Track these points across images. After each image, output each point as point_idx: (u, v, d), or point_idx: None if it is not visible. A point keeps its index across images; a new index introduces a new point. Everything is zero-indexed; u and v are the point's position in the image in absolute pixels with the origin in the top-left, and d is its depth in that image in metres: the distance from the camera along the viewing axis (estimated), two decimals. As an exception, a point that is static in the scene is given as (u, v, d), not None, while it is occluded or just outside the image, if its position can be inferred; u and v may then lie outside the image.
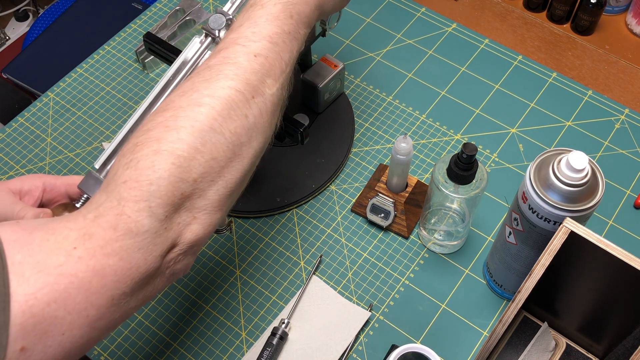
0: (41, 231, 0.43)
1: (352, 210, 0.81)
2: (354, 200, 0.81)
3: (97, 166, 0.57)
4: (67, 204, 0.61)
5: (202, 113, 0.48)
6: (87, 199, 0.58)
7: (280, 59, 0.53)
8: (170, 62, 0.77)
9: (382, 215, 0.77)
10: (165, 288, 0.50)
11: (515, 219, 0.63)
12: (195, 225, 0.48)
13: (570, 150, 0.57)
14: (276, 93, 0.53)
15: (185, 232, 0.48)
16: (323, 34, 0.78)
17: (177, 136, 0.47)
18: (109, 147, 0.57)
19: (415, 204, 0.79)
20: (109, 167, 0.57)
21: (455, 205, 0.76)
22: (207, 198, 0.48)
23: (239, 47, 0.51)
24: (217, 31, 0.60)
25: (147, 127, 0.48)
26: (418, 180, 0.79)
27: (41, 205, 0.60)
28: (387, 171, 0.79)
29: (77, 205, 0.59)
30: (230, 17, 0.60)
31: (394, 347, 0.70)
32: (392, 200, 0.76)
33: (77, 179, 0.60)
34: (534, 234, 0.61)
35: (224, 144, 0.48)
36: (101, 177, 0.57)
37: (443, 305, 0.74)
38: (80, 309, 0.42)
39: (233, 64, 0.51)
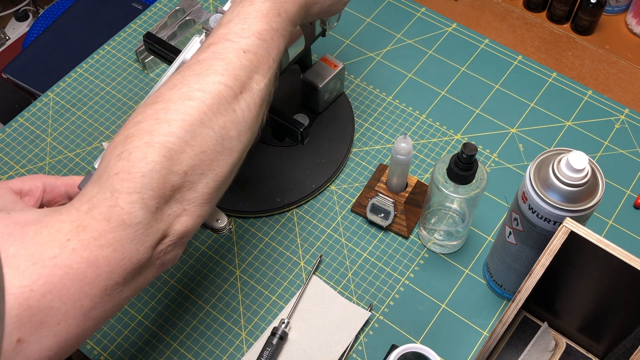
0: (34, 225, 0.44)
1: (352, 210, 0.81)
2: (354, 200, 0.81)
3: (96, 166, 0.57)
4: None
5: (192, 107, 0.49)
6: None
7: (268, 56, 0.54)
8: (170, 62, 0.77)
9: (382, 215, 0.77)
10: (154, 278, 0.51)
11: (515, 219, 0.63)
12: (184, 217, 0.49)
13: (570, 150, 0.57)
14: (264, 88, 0.54)
15: (175, 224, 0.49)
16: (323, 34, 0.78)
17: (169, 129, 0.47)
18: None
19: (415, 204, 0.79)
20: None
21: (455, 205, 0.76)
22: (197, 191, 0.49)
23: (228, 43, 0.52)
24: (217, 31, 0.60)
25: (137, 119, 0.49)
26: (418, 180, 0.79)
27: (41, 205, 0.60)
28: (387, 171, 0.79)
29: None
30: (230, 17, 0.60)
31: (394, 347, 0.70)
32: (392, 200, 0.76)
33: (77, 179, 0.60)
34: (534, 234, 0.61)
35: (213, 137, 0.49)
36: None
37: (443, 305, 0.74)
38: (75, 299, 0.43)
39: (222, 59, 0.51)
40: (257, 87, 0.53)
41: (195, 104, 0.49)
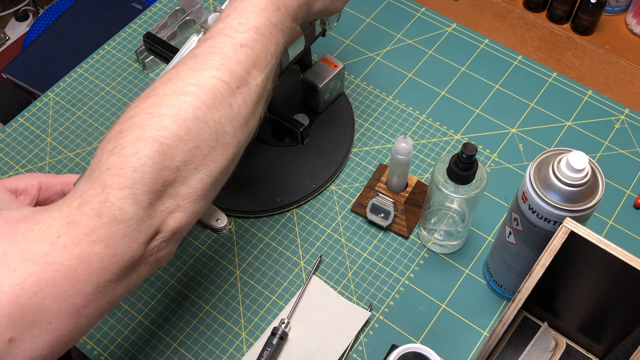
0: (26, 222, 0.43)
1: (352, 210, 0.81)
2: (354, 200, 0.81)
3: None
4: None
5: (186, 102, 0.48)
6: None
7: (266, 51, 0.53)
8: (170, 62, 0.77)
9: (382, 215, 0.77)
10: (148, 275, 0.50)
11: (515, 219, 0.63)
12: (178, 213, 0.49)
13: (570, 150, 0.57)
14: (261, 84, 0.53)
15: (168, 220, 0.48)
16: (323, 34, 0.78)
17: (161, 123, 0.47)
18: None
19: (415, 204, 0.79)
20: None
21: (455, 205, 0.76)
22: (191, 186, 0.49)
23: (225, 38, 0.52)
24: (216, 31, 0.60)
25: (130, 113, 0.48)
26: (418, 180, 0.79)
27: (37, 204, 0.60)
28: (387, 171, 0.78)
29: None
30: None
31: (394, 347, 0.70)
32: (392, 200, 0.76)
33: (73, 178, 0.60)
34: (534, 234, 0.61)
35: (207, 132, 0.49)
36: None
37: (443, 305, 0.74)
38: (67, 297, 0.43)
39: (219, 54, 0.51)
40: (255, 83, 0.52)
41: (189, 99, 0.48)
